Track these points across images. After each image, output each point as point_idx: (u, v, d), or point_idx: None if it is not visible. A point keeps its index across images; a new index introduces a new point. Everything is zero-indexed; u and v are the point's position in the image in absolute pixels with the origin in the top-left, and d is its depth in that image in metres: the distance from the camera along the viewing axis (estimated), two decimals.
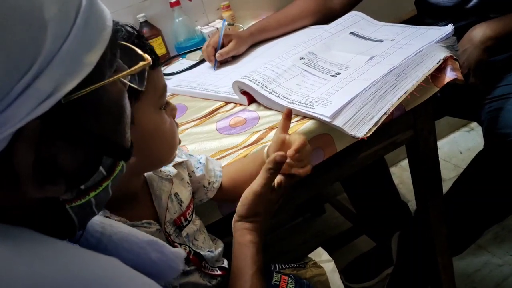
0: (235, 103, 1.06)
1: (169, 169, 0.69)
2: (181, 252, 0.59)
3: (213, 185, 0.79)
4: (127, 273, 0.40)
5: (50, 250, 0.36)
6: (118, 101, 0.41)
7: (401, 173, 1.98)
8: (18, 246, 0.34)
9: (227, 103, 1.08)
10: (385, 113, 0.86)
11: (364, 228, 1.64)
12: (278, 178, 0.69)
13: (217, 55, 1.24)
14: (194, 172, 0.76)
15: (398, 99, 0.88)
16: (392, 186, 1.56)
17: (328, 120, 0.86)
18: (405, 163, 2.01)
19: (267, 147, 0.76)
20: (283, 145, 0.72)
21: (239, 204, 0.68)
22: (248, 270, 0.64)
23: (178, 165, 0.73)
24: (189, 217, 0.72)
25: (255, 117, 0.98)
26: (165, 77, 1.29)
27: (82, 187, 0.40)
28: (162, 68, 1.36)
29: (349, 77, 0.96)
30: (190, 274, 0.69)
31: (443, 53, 0.95)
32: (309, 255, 0.97)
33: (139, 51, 0.44)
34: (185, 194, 0.72)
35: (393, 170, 1.91)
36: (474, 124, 2.15)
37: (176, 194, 0.71)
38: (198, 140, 0.95)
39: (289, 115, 0.73)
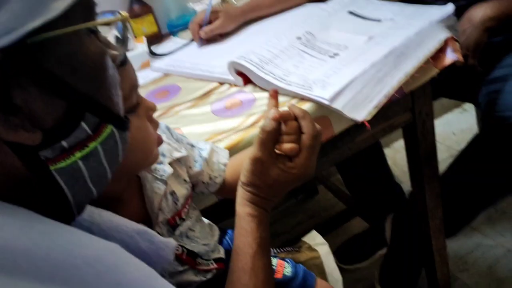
0: (230, 84, 1.04)
1: (164, 167, 0.66)
2: (171, 241, 0.58)
3: (214, 180, 0.76)
4: (127, 258, 0.39)
5: (50, 227, 0.36)
6: (98, 60, 0.40)
7: (394, 154, 1.98)
8: (17, 221, 0.34)
9: (222, 84, 1.06)
10: (385, 96, 0.85)
11: (358, 209, 1.65)
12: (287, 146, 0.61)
13: (201, 32, 1.20)
14: (191, 168, 0.74)
15: (399, 81, 0.87)
16: (386, 167, 1.55)
17: (327, 102, 0.84)
18: (398, 144, 2.01)
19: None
20: None
21: (241, 173, 0.62)
22: (248, 249, 0.60)
23: (175, 162, 0.69)
24: (185, 214, 0.69)
25: (252, 99, 0.96)
26: (157, 56, 1.28)
27: (65, 144, 0.38)
28: (153, 47, 1.33)
29: (348, 58, 0.94)
30: (183, 273, 0.68)
31: (444, 34, 0.93)
32: (303, 239, 0.97)
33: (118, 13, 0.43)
34: (181, 192, 0.69)
35: (386, 151, 1.89)
36: (467, 105, 2.15)
37: (172, 193, 0.68)
38: (193, 122, 0.93)
39: (274, 95, 0.67)
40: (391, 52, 0.91)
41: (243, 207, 0.62)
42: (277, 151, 0.61)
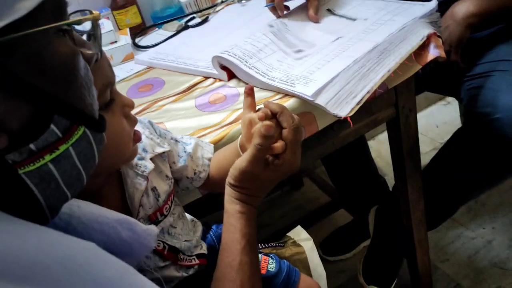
0: (215, 78, 1.04)
1: (145, 163, 0.66)
2: (153, 229, 0.57)
3: (199, 175, 0.76)
4: (102, 255, 0.39)
5: (21, 227, 0.35)
6: (68, 60, 0.39)
7: (378, 146, 1.99)
8: None
9: (206, 78, 1.05)
10: (368, 92, 0.85)
11: (342, 202, 1.66)
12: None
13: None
14: (174, 163, 0.73)
15: (382, 77, 0.87)
16: (370, 160, 1.56)
17: (310, 99, 0.84)
18: (383, 136, 2.02)
19: (239, 138, 0.71)
20: (250, 126, 0.67)
21: (230, 170, 0.63)
22: (236, 245, 0.61)
23: (157, 157, 0.69)
24: (166, 211, 0.69)
25: (236, 94, 0.95)
26: (141, 49, 1.27)
27: (33, 147, 0.38)
28: (137, 39, 1.32)
29: (331, 54, 0.93)
30: (164, 269, 0.67)
31: (426, 30, 0.93)
32: (288, 234, 0.97)
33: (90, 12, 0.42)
34: (163, 188, 0.69)
35: (370, 143, 1.91)
36: (451, 98, 2.16)
37: (154, 189, 0.67)
38: (176, 117, 0.93)
39: (249, 92, 0.68)
40: (375, 48, 0.91)
41: (231, 204, 0.63)
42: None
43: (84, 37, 0.45)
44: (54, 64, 0.38)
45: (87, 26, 0.44)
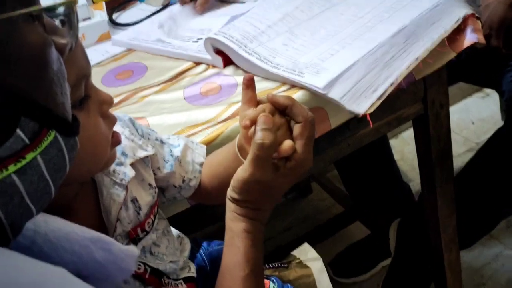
0: (208, 64, 1.04)
1: (125, 169, 0.65)
2: (133, 249, 0.58)
3: (189, 183, 0.76)
4: (73, 282, 0.38)
5: None
6: (38, 52, 0.39)
7: (402, 146, 2.00)
8: None
9: (197, 64, 1.05)
10: (391, 84, 0.86)
11: (358, 213, 1.66)
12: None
13: None
14: (159, 169, 0.73)
15: (408, 66, 0.87)
16: (392, 164, 1.57)
17: (321, 91, 0.84)
18: (407, 134, 2.02)
19: (237, 138, 0.71)
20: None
21: (231, 182, 0.64)
22: (239, 271, 0.61)
23: (139, 162, 0.69)
24: (149, 226, 0.69)
25: (233, 84, 0.95)
26: (119, 26, 1.27)
27: None
28: (115, 15, 1.31)
29: (348, 38, 0.94)
30: None
31: (463, 10, 0.93)
32: (293, 252, 0.97)
33: None
34: (145, 199, 0.69)
35: (393, 142, 1.92)
36: (489, 90, 2.16)
37: (134, 200, 0.67)
38: (161, 111, 0.93)
39: (249, 83, 0.67)
40: (400, 31, 0.91)
41: (235, 222, 0.63)
42: (273, 155, 0.62)
43: (57, 22, 0.44)
44: (20, 55, 0.37)
45: (60, 8, 0.44)
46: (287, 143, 0.62)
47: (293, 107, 0.63)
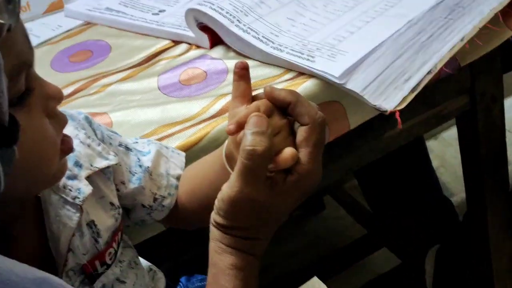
0: (190, 44, 1.04)
1: (79, 184, 0.65)
2: None
3: (162, 202, 0.76)
4: None
5: None
6: None
7: (442, 149, 2.00)
8: None
9: (176, 43, 1.06)
10: (429, 72, 0.86)
11: (384, 236, 1.66)
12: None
13: None
14: (124, 184, 0.73)
15: (451, 49, 0.87)
16: (429, 172, 1.56)
17: (337, 81, 0.84)
18: (449, 134, 2.02)
19: (226, 144, 0.70)
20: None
21: (214, 207, 0.63)
22: None
23: (97, 175, 0.69)
24: (110, 258, 0.68)
25: (222, 70, 0.96)
26: None
27: None
28: None
29: (372, 11, 0.94)
30: None
31: None
32: None
33: None
34: (105, 223, 0.68)
35: (430, 145, 1.93)
36: None
37: (91, 224, 0.67)
38: (128, 105, 0.93)
39: (241, 72, 0.66)
40: (440, 3, 0.92)
41: (222, 255, 0.62)
42: (269, 167, 0.60)
43: None
44: None
45: None
46: (287, 151, 0.59)
47: (297, 105, 0.61)
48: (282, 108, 0.63)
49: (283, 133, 0.62)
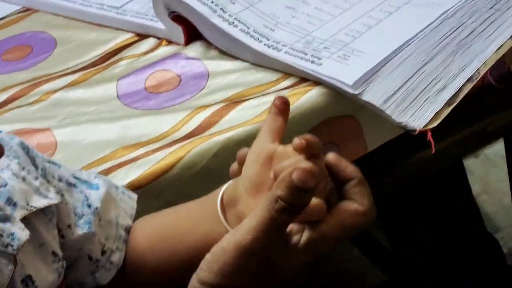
0: (159, 38, 1.05)
1: (12, 228, 0.65)
2: None
3: (110, 257, 0.75)
4: None
5: None
6: None
7: (485, 170, 2.00)
8: None
9: (141, 36, 1.07)
10: (470, 79, 0.86)
11: (410, 285, 1.66)
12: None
13: None
14: (70, 228, 0.72)
15: (498, 49, 0.88)
16: (468, 200, 1.57)
17: (351, 91, 0.84)
18: (494, 151, 2.03)
19: (225, 186, 0.71)
20: (268, 165, 0.68)
21: (203, 262, 0.62)
22: None
23: (35, 216, 0.69)
24: None
25: (200, 74, 0.96)
26: None
27: None
28: None
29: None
30: None
31: None
32: None
33: None
34: (45, 278, 0.68)
35: (470, 164, 1.93)
36: None
37: (27, 280, 0.66)
38: (78, 119, 0.93)
39: (284, 107, 0.70)
40: None
41: None
42: None
43: None
44: None
45: None
46: (317, 202, 0.61)
47: (340, 166, 0.64)
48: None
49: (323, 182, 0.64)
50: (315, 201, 0.61)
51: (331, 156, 0.66)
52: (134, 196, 0.80)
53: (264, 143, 0.69)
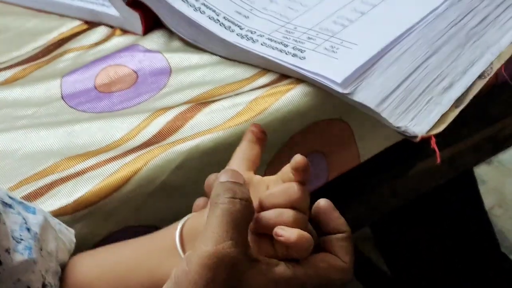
0: (112, 26, 1.05)
1: None
2: None
3: None
4: None
5: None
6: None
7: (500, 180, 2.01)
8: None
9: (90, 24, 1.07)
10: (481, 76, 0.86)
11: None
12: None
13: None
14: (8, 253, 0.71)
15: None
16: (480, 215, 1.57)
17: (339, 90, 0.84)
18: (509, 157, 2.04)
19: (184, 219, 0.75)
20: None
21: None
22: None
23: None
24: None
25: (161, 69, 0.96)
26: None
27: None
28: None
29: None
30: None
31: None
32: None
33: None
34: None
35: (481, 172, 1.94)
36: None
37: None
38: (14, 124, 0.93)
39: (261, 136, 0.77)
40: None
41: None
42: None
43: None
44: None
45: None
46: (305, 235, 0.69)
47: (330, 215, 0.73)
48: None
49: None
50: (304, 233, 0.68)
51: (323, 203, 0.74)
52: (72, 231, 0.81)
53: (236, 172, 0.72)
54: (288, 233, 0.67)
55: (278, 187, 0.72)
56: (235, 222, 0.66)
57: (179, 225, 0.74)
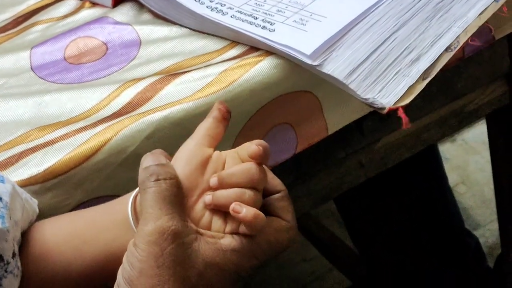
0: None
1: None
2: None
3: (18, 263, 0.74)
4: None
5: None
6: None
7: (463, 158, 2.02)
8: None
9: None
10: (448, 49, 0.86)
11: None
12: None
13: None
14: None
15: (481, 13, 0.88)
16: (443, 191, 1.58)
17: (308, 62, 0.84)
18: (473, 135, 2.04)
19: (136, 192, 0.76)
20: (201, 170, 0.76)
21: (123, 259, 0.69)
22: None
23: None
24: None
25: (131, 41, 0.96)
26: None
27: None
28: None
29: None
30: None
31: None
32: None
33: None
34: None
35: (445, 149, 1.95)
36: None
37: None
38: None
39: (227, 116, 0.78)
40: None
41: None
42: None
43: None
44: None
45: None
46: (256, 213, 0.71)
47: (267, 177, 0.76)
48: None
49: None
50: (260, 213, 0.72)
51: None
52: (35, 201, 0.81)
53: (199, 146, 0.77)
54: (245, 211, 0.70)
55: (239, 167, 0.74)
56: (167, 199, 0.69)
57: (130, 198, 0.76)
